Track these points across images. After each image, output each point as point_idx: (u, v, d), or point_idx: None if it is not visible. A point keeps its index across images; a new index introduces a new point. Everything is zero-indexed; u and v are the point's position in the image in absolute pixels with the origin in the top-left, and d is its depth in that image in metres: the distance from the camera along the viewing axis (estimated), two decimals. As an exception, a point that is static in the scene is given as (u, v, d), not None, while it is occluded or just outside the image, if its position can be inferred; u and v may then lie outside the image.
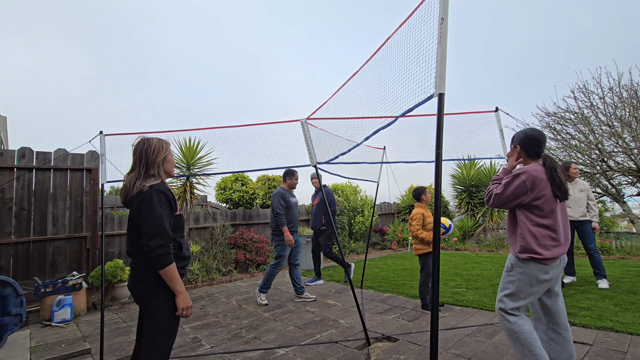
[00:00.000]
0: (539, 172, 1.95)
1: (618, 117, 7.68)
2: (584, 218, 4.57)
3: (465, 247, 8.75)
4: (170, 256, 1.65)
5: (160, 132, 3.53)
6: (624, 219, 10.98)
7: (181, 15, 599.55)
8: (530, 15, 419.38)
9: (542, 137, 2.04)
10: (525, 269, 1.93)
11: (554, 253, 1.90)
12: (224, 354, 2.92)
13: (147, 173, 1.76)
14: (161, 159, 1.80)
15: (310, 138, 3.27)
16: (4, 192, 4.50)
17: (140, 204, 1.68)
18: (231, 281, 6.03)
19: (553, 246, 1.91)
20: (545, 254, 1.89)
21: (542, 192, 1.92)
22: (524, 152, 2.06)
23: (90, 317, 4.26)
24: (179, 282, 1.69)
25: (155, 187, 1.72)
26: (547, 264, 1.90)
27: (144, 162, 1.77)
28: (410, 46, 1.93)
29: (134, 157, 1.81)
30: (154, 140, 1.83)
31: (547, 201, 1.92)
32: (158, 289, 1.68)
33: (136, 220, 1.70)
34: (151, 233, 1.63)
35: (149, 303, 1.69)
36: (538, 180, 1.91)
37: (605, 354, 2.55)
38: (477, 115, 3.80)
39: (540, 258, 1.89)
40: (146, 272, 1.69)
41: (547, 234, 1.92)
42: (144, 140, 1.82)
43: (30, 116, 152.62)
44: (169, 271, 1.64)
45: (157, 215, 1.66)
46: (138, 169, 1.77)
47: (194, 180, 6.34)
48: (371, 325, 3.44)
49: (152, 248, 1.61)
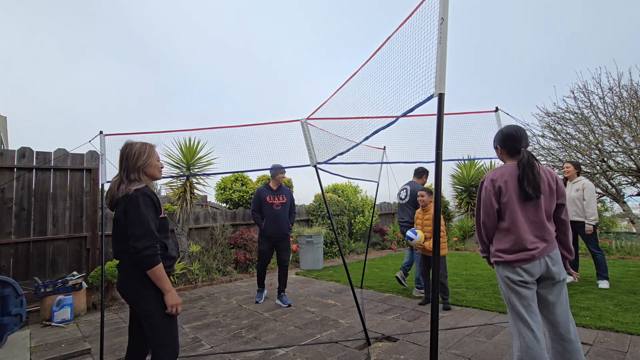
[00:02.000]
0: (503, 173, 1.92)
1: (618, 117, 7.68)
2: (578, 219, 4.45)
3: (465, 247, 8.75)
4: (157, 257, 1.69)
5: (160, 132, 3.53)
6: (624, 219, 10.97)
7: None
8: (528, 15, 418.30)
9: (518, 132, 1.98)
10: (499, 272, 1.93)
11: (519, 256, 1.85)
12: (224, 354, 2.92)
13: (129, 177, 1.80)
14: (142, 163, 1.83)
15: (310, 138, 3.27)
16: (4, 192, 4.50)
17: (127, 206, 1.72)
18: (231, 281, 6.03)
19: (516, 250, 1.86)
20: (506, 257, 1.87)
21: (506, 192, 1.89)
22: (505, 151, 2.04)
23: (90, 317, 4.26)
24: (167, 281, 1.73)
25: (140, 190, 1.76)
26: (515, 267, 1.86)
27: (125, 166, 1.81)
28: (410, 46, 1.93)
29: (119, 161, 1.86)
30: (135, 145, 1.85)
31: (509, 202, 1.88)
32: (146, 288, 1.72)
33: (122, 223, 1.74)
34: (138, 234, 1.67)
35: (139, 302, 1.73)
36: (499, 182, 1.90)
37: (605, 354, 2.55)
38: (477, 115, 3.80)
39: (502, 261, 1.88)
40: (133, 272, 1.73)
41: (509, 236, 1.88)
42: (127, 145, 1.86)
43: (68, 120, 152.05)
44: (156, 271, 1.69)
45: (144, 217, 1.70)
46: (120, 173, 1.82)
47: (193, 180, 6.34)
48: (371, 325, 3.44)
49: (140, 249, 1.65)
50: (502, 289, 1.95)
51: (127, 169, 1.81)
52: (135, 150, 1.83)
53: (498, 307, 3.76)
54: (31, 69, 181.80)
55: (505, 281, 1.90)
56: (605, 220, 9.52)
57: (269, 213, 4.50)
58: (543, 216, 1.90)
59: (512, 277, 1.87)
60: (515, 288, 1.86)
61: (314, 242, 6.88)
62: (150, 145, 1.91)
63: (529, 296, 1.86)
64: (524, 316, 1.84)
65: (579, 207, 4.47)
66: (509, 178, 1.91)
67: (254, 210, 4.59)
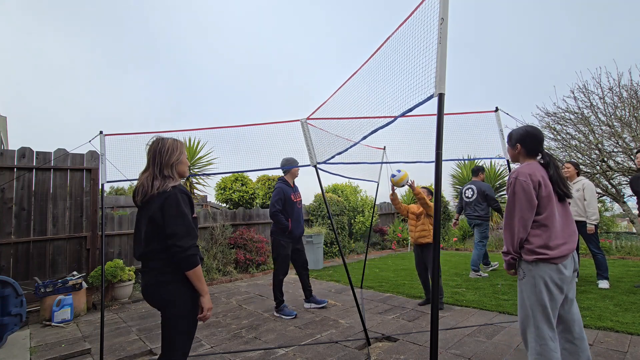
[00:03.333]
0: (536, 169, 1.91)
1: (618, 117, 7.68)
2: (579, 219, 4.44)
3: (465, 247, 8.75)
4: (197, 256, 1.65)
5: (160, 132, 3.53)
6: (624, 219, 10.97)
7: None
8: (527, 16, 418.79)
9: (541, 135, 2.03)
10: (536, 271, 1.82)
11: (562, 251, 1.81)
12: (224, 354, 2.92)
13: (162, 173, 1.72)
14: (175, 159, 1.77)
15: (310, 138, 3.28)
16: (4, 192, 4.50)
17: (164, 203, 1.64)
18: (231, 281, 6.03)
19: (558, 245, 1.82)
20: (551, 253, 1.81)
21: (545, 187, 1.87)
22: (525, 150, 2.02)
23: (90, 317, 4.26)
24: (204, 282, 1.69)
25: (178, 187, 1.71)
26: (557, 263, 1.81)
27: (158, 162, 1.73)
28: (410, 46, 1.93)
29: (148, 156, 1.78)
30: (168, 141, 1.79)
31: (549, 197, 1.87)
32: (179, 291, 1.65)
33: (158, 221, 1.65)
34: (181, 233, 1.61)
35: (173, 304, 1.65)
36: (538, 177, 1.87)
37: (605, 354, 2.55)
38: (477, 115, 3.80)
39: (547, 258, 1.81)
40: (165, 273, 1.66)
41: (548, 232, 1.85)
42: (159, 140, 1.79)
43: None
44: (197, 271, 1.64)
45: (186, 216, 1.64)
46: (152, 169, 1.73)
47: (194, 180, 6.34)
48: (371, 325, 3.44)
49: (185, 248, 1.59)
50: (533, 291, 1.83)
51: (160, 165, 1.72)
52: (168, 146, 1.76)
53: (498, 307, 3.76)
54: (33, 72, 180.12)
55: (544, 281, 1.80)
56: (605, 220, 9.52)
57: (293, 212, 4.02)
58: (569, 210, 1.97)
59: (554, 276, 1.80)
60: (552, 289, 1.80)
61: (314, 242, 6.88)
62: (181, 142, 1.86)
63: (559, 299, 1.84)
64: (552, 320, 1.81)
65: (580, 207, 4.47)
66: (543, 174, 1.91)
67: (278, 211, 3.96)
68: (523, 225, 1.86)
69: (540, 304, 1.81)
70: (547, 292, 1.80)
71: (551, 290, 1.81)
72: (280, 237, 4.00)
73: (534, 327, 1.82)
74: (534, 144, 2.00)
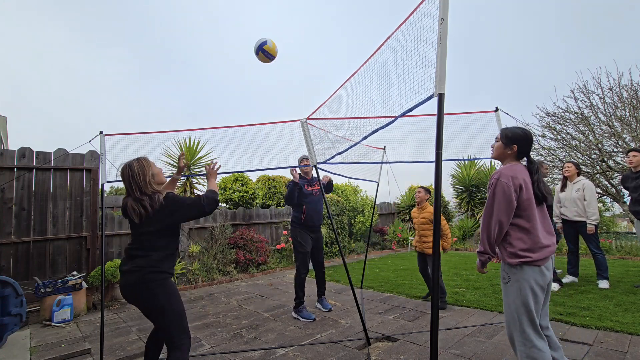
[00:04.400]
0: (518, 171, 1.91)
1: (618, 117, 7.68)
2: (579, 218, 4.45)
3: (465, 247, 8.75)
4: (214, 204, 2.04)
5: (160, 132, 3.53)
6: (624, 219, 10.97)
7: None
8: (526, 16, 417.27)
9: (532, 138, 2.07)
10: (521, 275, 1.84)
11: (543, 254, 1.84)
12: (224, 354, 2.92)
13: (144, 193, 1.94)
14: (149, 176, 1.97)
15: (310, 138, 3.27)
16: (4, 192, 4.50)
17: (169, 205, 1.94)
18: (231, 281, 6.03)
19: (540, 247, 1.85)
20: (534, 256, 1.83)
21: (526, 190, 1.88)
22: (517, 152, 2.02)
23: (90, 317, 4.26)
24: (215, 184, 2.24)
25: (168, 194, 1.99)
26: (541, 265, 1.84)
27: (136, 186, 1.94)
28: (410, 46, 1.93)
29: (125, 184, 1.99)
30: (134, 164, 1.98)
31: (530, 200, 1.88)
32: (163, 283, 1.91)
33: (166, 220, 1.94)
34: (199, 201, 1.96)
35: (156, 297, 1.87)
36: (519, 180, 1.87)
37: (605, 354, 2.55)
38: (477, 115, 3.80)
39: (531, 261, 1.83)
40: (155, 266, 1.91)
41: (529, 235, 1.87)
42: (126, 167, 1.99)
43: None
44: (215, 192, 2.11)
45: (188, 198, 1.99)
46: (134, 194, 1.94)
47: (194, 180, 6.34)
48: (371, 325, 3.44)
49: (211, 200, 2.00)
50: (518, 295, 1.84)
51: (139, 187, 1.94)
52: (137, 169, 1.96)
53: (498, 307, 3.76)
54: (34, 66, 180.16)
55: (529, 284, 1.82)
56: (605, 220, 9.52)
57: (309, 201, 4.01)
58: (546, 213, 2.01)
59: (538, 279, 1.83)
60: (537, 292, 1.83)
61: (314, 242, 6.87)
62: (145, 158, 2.05)
63: (542, 300, 1.88)
64: (536, 321, 1.83)
65: (580, 207, 4.46)
66: (526, 177, 1.91)
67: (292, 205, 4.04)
68: (499, 227, 1.88)
69: (525, 307, 1.83)
70: (533, 295, 1.83)
71: (536, 293, 1.84)
72: (297, 227, 4.00)
73: (520, 331, 1.84)
74: (527, 147, 2.02)
